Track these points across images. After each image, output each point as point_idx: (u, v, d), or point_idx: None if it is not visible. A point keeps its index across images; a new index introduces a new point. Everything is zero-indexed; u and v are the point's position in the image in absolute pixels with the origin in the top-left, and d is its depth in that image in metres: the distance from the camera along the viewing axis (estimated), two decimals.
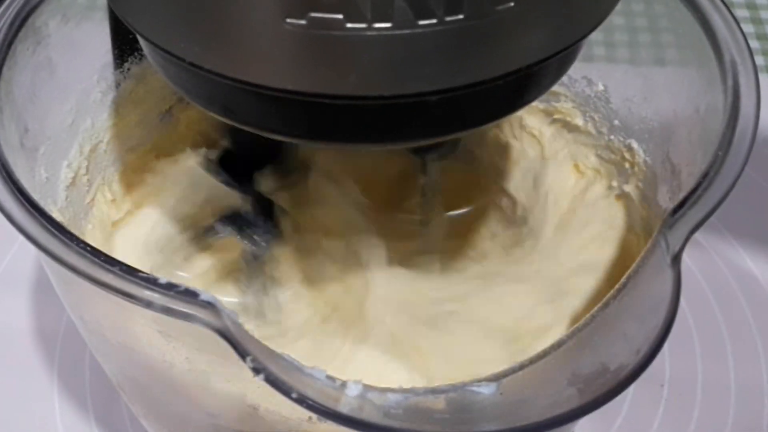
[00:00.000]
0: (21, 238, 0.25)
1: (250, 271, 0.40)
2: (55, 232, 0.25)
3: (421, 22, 0.21)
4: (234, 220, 0.40)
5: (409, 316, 0.38)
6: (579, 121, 0.40)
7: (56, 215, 0.33)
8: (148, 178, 0.40)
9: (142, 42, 0.27)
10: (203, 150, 0.41)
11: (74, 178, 0.36)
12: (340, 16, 0.21)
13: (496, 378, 0.24)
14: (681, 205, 0.26)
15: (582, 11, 0.25)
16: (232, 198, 0.40)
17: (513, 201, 0.41)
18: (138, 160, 0.41)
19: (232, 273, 0.40)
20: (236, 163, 0.40)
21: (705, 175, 0.27)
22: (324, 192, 0.41)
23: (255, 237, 0.40)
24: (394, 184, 0.43)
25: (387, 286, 0.39)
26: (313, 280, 0.40)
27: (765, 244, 0.49)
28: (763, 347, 0.44)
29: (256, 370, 0.22)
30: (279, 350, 0.23)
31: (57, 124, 0.35)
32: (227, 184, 0.40)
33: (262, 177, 0.41)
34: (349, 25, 0.21)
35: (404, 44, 0.22)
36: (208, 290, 0.23)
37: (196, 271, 0.40)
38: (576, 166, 0.41)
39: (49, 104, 0.34)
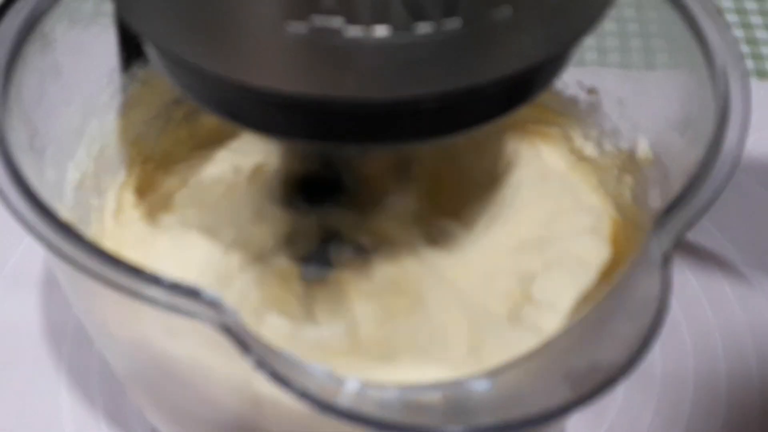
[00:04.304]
0: (28, 237, 0.26)
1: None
2: (64, 232, 0.26)
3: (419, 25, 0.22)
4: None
5: None
6: (572, 125, 0.41)
7: (64, 216, 0.34)
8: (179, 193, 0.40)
9: (144, 44, 0.27)
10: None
11: (82, 179, 0.37)
12: (341, 20, 0.21)
13: (492, 374, 0.24)
14: (671, 206, 0.27)
15: (577, 15, 0.25)
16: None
17: None
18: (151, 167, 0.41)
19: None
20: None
21: (695, 177, 0.28)
22: None
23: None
24: None
25: None
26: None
27: (755, 244, 0.49)
28: (753, 345, 0.45)
29: (259, 366, 0.23)
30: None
31: (64, 127, 0.36)
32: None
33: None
34: (349, 29, 0.22)
35: (402, 48, 0.22)
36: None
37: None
38: (568, 169, 0.41)
39: (56, 107, 0.35)
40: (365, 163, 0.39)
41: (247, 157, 0.42)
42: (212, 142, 0.43)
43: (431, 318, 0.36)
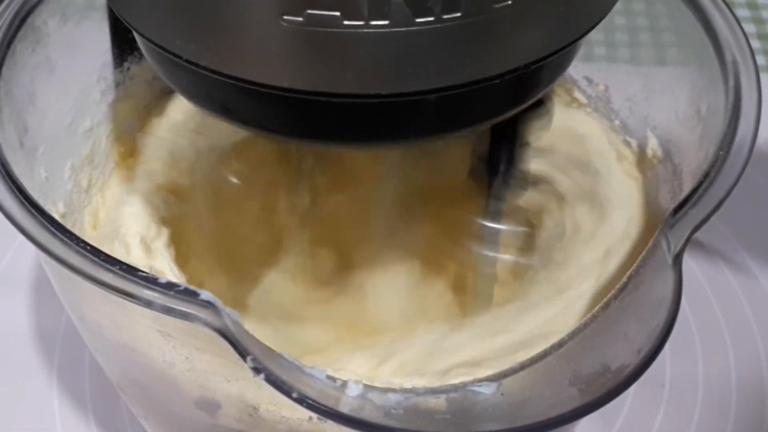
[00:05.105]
0: (20, 237, 0.25)
1: None
2: (55, 232, 0.25)
3: (419, 20, 0.21)
4: None
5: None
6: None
7: (56, 215, 0.33)
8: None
9: (139, 40, 0.27)
10: None
11: (74, 177, 0.36)
12: (338, 14, 0.21)
13: (497, 378, 0.24)
14: (682, 205, 0.26)
15: (580, 10, 0.25)
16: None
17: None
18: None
19: None
20: None
21: (706, 175, 0.27)
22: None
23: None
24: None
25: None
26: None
27: (762, 240, 0.49)
28: (764, 347, 0.44)
29: (257, 370, 0.22)
30: None
31: (56, 124, 0.35)
32: None
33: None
34: (346, 22, 0.21)
35: (402, 42, 0.22)
36: None
37: None
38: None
39: (48, 104, 0.34)
40: None
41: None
42: None
43: None
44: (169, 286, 0.23)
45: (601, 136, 0.39)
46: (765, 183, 0.51)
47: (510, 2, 0.22)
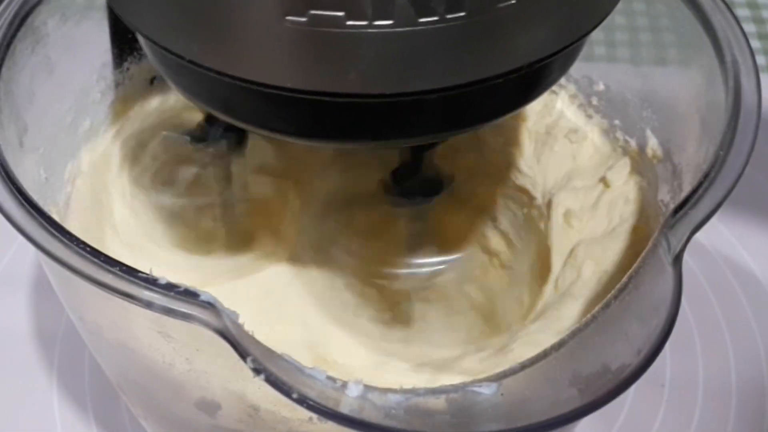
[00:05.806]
0: (20, 238, 0.25)
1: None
2: (55, 233, 0.25)
3: (423, 20, 0.21)
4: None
5: None
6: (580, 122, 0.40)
7: (55, 215, 0.33)
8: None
9: (141, 40, 0.27)
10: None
11: (73, 178, 0.36)
12: (341, 14, 0.21)
13: (498, 378, 0.24)
14: (682, 205, 0.26)
15: (583, 9, 0.25)
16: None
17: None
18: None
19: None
20: None
21: (706, 175, 0.27)
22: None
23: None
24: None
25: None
26: None
27: (766, 244, 0.49)
28: (764, 347, 0.44)
29: (257, 371, 0.22)
30: None
31: (56, 124, 0.35)
32: None
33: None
34: (349, 22, 0.21)
35: (405, 42, 0.22)
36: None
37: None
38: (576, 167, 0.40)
39: (48, 104, 0.34)
40: None
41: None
42: None
43: None
44: (169, 287, 0.23)
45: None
46: (765, 183, 0.51)
47: (513, 2, 0.22)
